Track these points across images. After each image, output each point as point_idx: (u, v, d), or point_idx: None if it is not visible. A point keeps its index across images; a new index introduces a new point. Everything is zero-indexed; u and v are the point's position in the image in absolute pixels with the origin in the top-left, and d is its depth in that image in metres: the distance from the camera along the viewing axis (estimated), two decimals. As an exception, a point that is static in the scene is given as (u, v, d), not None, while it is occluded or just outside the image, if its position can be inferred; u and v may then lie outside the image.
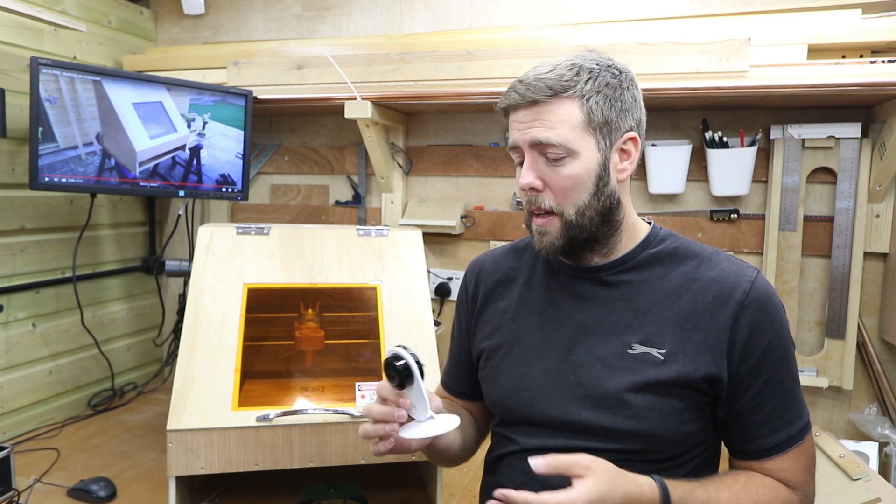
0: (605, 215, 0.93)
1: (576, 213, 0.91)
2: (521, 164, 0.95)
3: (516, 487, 0.98)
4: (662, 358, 0.90)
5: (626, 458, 0.88)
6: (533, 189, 0.92)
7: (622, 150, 0.93)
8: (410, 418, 0.91)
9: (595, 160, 0.90)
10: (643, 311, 0.93)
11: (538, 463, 0.81)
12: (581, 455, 0.82)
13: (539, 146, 0.90)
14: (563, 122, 0.89)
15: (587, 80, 0.89)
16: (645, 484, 0.83)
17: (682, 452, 0.93)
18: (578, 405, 0.93)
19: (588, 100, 0.89)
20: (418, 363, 0.88)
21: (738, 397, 0.91)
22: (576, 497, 0.78)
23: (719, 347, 0.89)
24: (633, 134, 0.93)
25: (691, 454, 0.94)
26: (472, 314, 1.11)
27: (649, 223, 1.02)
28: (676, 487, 0.85)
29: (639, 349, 0.92)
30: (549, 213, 0.92)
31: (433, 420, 0.90)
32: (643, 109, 0.96)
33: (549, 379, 0.96)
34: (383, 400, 0.91)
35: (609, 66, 0.92)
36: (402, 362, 0.87)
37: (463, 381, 1.14)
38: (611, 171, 0.92)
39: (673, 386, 0.89)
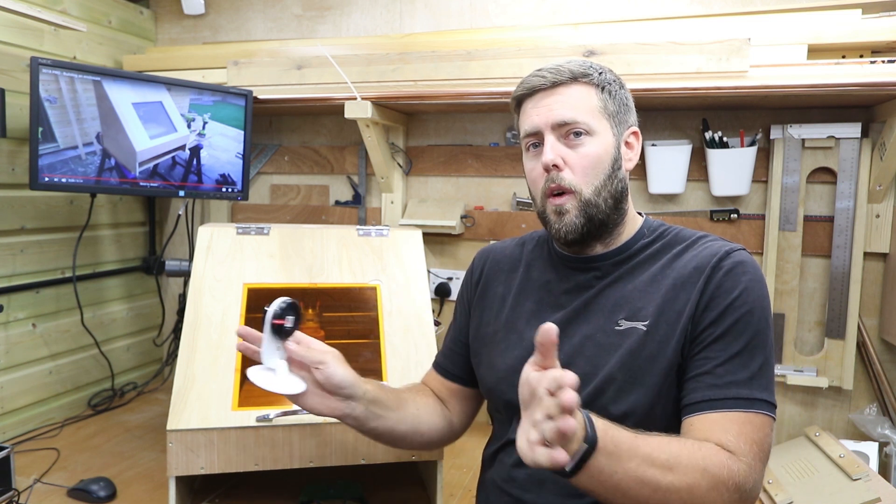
0: (618, 200, 0.98)
1: (593, 191, 0.96)
2: (534, 147, 0.99)
3: (501, 483, 1.00)
4: (645, 328, 0.93)
5: None
6: (555, 167, 0.95)
7: (626, 143, 1.00)
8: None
9: (611, 143, 0.97)
10: (630, 291, 0.97)
11: (545, 328, 0.71)
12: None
13: (561, 127, 0.95)
14: (584, 104, 0.96)
15: (599, 73, 0.98)
16: None
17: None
18: None
19: (603, 89, 0.97)
20: (278, 320, 0.93)
21: (691, 353, 0.91)
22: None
23: (692, 310, 0.91)
24: (635, 129, 1.02)
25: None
26: (472, 298, 1.16)
27: (640, 214, 1.06)
28: (601, 419, 0.83)
29: (625, 325, 0.95)
30: (568, 191, 0.96)
31: (272, 372, 0.95)
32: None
33: None
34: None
35: (609, 70, 1.00)
36: (272, 308, 0.93)
37: (457, 364, 1.17)
38: (622, 157, 0.99)
39: (654, 356, 0.91)
